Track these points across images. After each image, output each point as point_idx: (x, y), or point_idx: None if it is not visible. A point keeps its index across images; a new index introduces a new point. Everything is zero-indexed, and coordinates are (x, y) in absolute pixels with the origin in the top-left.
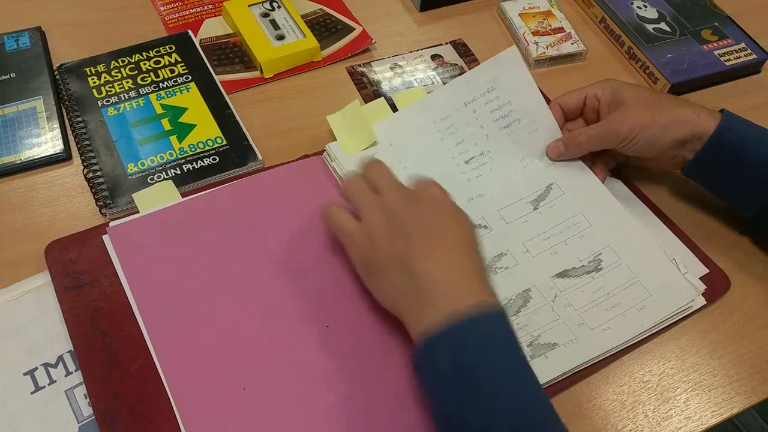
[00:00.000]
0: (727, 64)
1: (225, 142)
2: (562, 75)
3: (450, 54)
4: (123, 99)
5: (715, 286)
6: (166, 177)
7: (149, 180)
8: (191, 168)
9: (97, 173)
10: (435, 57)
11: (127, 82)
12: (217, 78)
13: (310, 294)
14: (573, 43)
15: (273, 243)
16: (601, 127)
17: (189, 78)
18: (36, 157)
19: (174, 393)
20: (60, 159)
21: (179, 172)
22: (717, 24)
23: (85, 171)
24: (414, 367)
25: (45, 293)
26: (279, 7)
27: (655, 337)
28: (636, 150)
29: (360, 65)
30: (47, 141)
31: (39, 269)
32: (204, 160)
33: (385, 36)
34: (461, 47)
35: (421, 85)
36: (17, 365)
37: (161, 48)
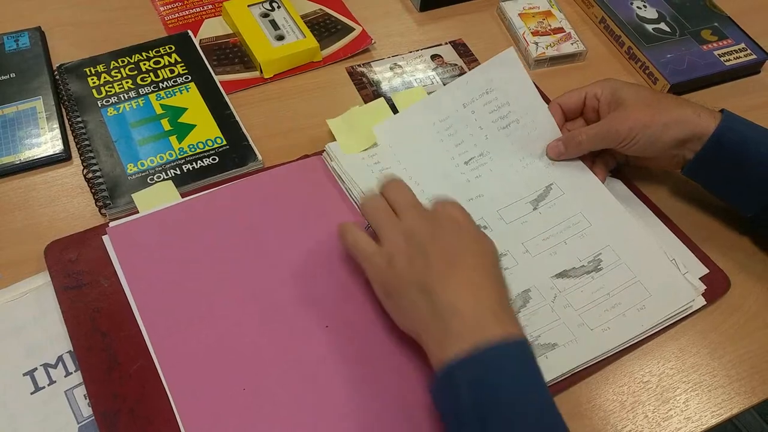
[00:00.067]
0: (727, 64)
1: (225, 142)
2: (561, 75)
3: (450, 54)
4: (123, 99)
5: (715, 286)
6: (165, 177)
7: (149, 180)
8: (191, 168)
9: (97, 173)
10: (435, 57)
11: (127, 82)
12: (217, 78)
13: (309, 294)
14: (573, 44)
15: (273, 243)
16: (601, 127)
17: (189, 78)
18: (36, 158)
19: (174, 394)
20: (60, 159)
21: (179, 172)
22: (717, 24)
23: (85, 171)
24: (431, 393)
25: (45, 293)
26: (279, 7)
27: (655, 338)
28: (636, 150)
29: (360, 65)
30: (47, 141)
31: (39, 269)
32: (204, 160)
33: (385, 36)
34: (461, 47)
35: (421, 86)
36: (17, 365)
37: (161, 48)
